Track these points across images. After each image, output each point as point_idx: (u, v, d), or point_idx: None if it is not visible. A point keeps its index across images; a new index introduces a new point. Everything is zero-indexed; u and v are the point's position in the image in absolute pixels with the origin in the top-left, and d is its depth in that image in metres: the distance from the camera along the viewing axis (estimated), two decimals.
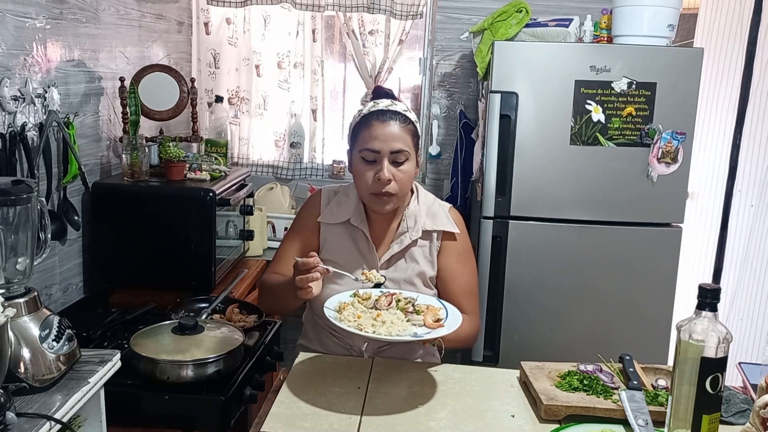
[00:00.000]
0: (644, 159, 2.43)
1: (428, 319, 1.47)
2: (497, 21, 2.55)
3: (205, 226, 2.22)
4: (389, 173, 1.66)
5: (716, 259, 3.03)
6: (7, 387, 1.18)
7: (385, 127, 1.67)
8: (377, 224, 1.79)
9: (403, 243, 1.76)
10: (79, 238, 2.22)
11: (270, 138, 3.38)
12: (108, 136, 2.39)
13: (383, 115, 1.69)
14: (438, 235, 1.79)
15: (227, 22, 3.29)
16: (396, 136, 1.67)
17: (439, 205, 1.84)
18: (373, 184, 1.68)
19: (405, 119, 1.71)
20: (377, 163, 1.67)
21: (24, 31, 1.86)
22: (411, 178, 1.72)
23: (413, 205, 1.80)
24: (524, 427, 1.38)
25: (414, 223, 1.77)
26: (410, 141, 1.70)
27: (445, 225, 1.79)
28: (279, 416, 1.38)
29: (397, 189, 1.68)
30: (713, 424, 1.21)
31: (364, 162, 1.69)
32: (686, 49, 2.46)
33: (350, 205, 1.79)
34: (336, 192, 1.84)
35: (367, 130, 1.68)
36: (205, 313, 1.92)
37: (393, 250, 1.76)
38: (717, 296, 1.20)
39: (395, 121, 1.68)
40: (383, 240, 1.79)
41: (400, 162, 1.68)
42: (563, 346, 2.47)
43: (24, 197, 1.28)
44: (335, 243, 1.79)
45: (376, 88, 1.88)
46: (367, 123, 1.69)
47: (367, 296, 1.55)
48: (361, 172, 1.70)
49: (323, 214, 1.81)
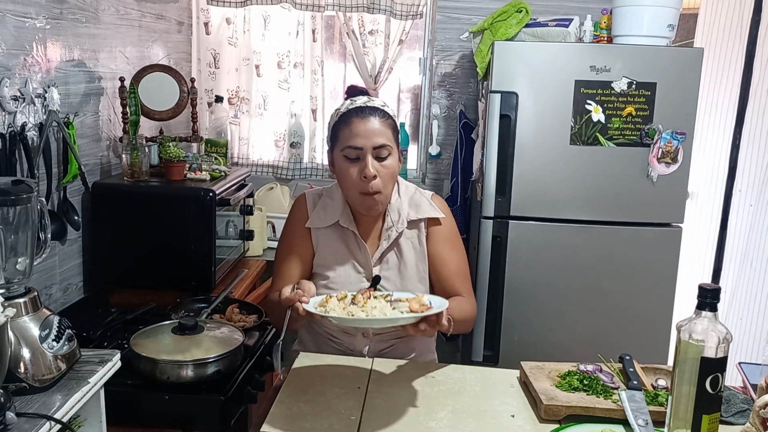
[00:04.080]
0: (644, 159, 2.43)
1: (414, 305, 1.40)
2: (497, 21, 2.55)
3: (205, 226, 2.22)
4: (374, 169, 1.64)
5: (715, 259, 3.03)
6: (7, 387, 1.17)
7: (365, 123, 1.65)
8: (365, 223, 1.78)
9: (390, 238, 1.75)
10: (79, 238, 2.22)
11: (270, 138, 3.38)
12: (108, 136, 2.39)
13: (362, 111, 1.67)
14: (424, 222, 1.78)
15: (227, 22, 3.29)
16: (377, 131, 1.65)
17: (420, 194, 1.82)
18: (359, 182, 1.65)
19: (384, 114, 1.69)
20: (361, 160, 1.65)
21: (24, 31, 1.86)
22: (395, 173, 1.71)
23: (395, 198, 1.78)
24: (524, 427, 1.38)
25: (398, 216, 1.76)
26: (391, 135, 1.68)
27: (429, 212, 1.78)
28: (279, 416, 1.38)
29: (382, 186, 1.66)
30: (713, 424, 1.21)
31: (347, 160, 1.67)
32: (686, 49, 2.46)
33: (336, 206, 1.77)
34: (320, 195, 1.82)
35: (348, 127, 1.66)
36: (205, 313, 1.92)
37: (382, 246, 1.75)
38: (717, 296, 1.20)
39: (375, 116, 1.67)
40: (373, 239, 1.79)
41: (383, 157, 1.66)
42: (563, 346, 2.47)
43: (24, 197, 1.27)
44: (327, 246, 1.77)
45: (350, 87, 1.85)
46: (347, 121, 1.67)
47: (342, 296, 1.48)
48: (345, 170, 1.68)
49: (311, 218, 1.78)
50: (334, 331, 1.77)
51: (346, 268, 1.75)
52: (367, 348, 1.75)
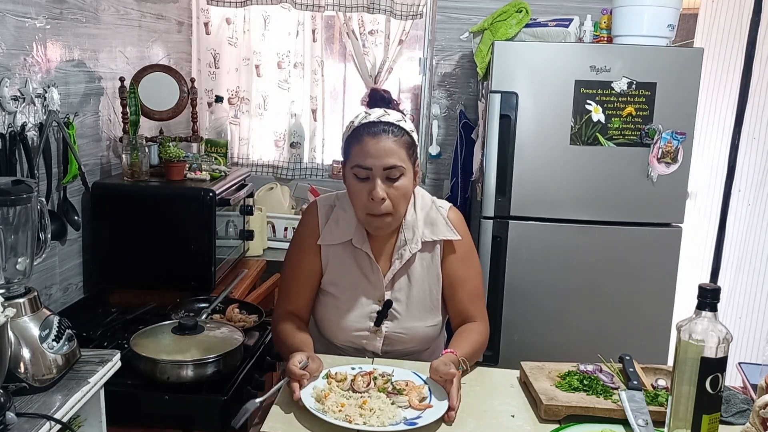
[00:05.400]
0: (644, 159, 2.43)
1: (413, 400, 1.39)
2: (497, 21, 2.55)
3: (205, 226, 2.22)
4: (382, 192, 1.56)
5: (714, 259, 3.03)
6: (7, 387, 1.18)
7: (377, 142, 1.56)
8: (378, 240, 1.71)
9: (403, 258, 1.68)
10: (79, 238, 2.22)
11: (270, 138, 3.38)
12: (108, 136, 2.39)
13: (374, 127, 1.58)
14: (440, 244, 1.71)
15: (227, 22, 3.29)
16: (389, 151, 1.56)
17: (437, 208, 1.74)
18: (368, 203, 1.58)
19: (399, 130, 1.59)
20: (370, 180, 1.57)
21: (24, 31, 1.86)
22: (407, 194, 1.63)
23: (410, 214, 1.70)
24: (524, 427, 1.38)
25: (412, 234, 1.69)
26: (404, 154, 1.59)
27: (445, 233, 1.70)
28: (279, 416, 1.38)
29: (391, 208, 1.59)
30: (713, 424, 1.21)
31: (356, 179, 1.60)
32: (686, 49, 2.46)
33: (350, 221, 1.69)
34: (333, 206, 1.74)
35: (359, 145, 1.58)
36: (205, 313, 1.92)
37: (395, 266, 1.68)
38: (717, 296, 1.20)
39: (387, 134, 1.58)
40: (385, 256, 1.71)
41: (394, 178, 1.58)
42: (563, 346, 2.47)
43: (24, 197, 1.28)
44: (338, 265, 1.71)
45: (372, 90, 1.77)
46: (358, 138, 1.59)
47: (342, 377, 1.47)
48: (355, 190, 1.61)
49: (323, 235, 1.71)
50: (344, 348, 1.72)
51: (357, 290, 1.69)
52: None
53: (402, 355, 1.70)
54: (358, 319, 1.68)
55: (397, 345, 1.70)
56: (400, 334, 1.69)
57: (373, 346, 1.69)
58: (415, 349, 1.72)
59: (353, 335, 1.69)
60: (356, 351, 1.71)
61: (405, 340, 1.70)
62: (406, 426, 1.32)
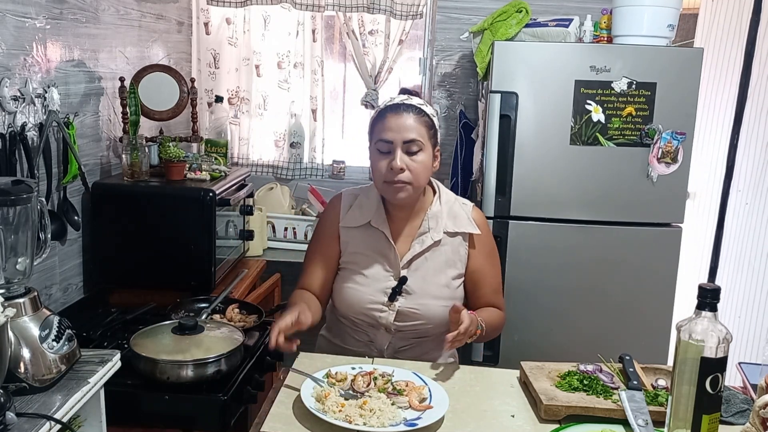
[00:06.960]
0: (644, 159, 2.43)
1: (413, 401, 1.41)
2: (497, 21, 2.54)
3: (205, 226, 2.22)
4: (402, 162, 1.69)
5: (712, 258, 3.03)
6: (7, 387, 1.18)
7: (398, 119, 1.71)
8: (398, 224, 1.81)
9: (424, 243, 1.78)
10: (79, 238, 2.22)
11: (270, 138, 3.38)
12: (108, 136, 2.39)
13: (397, 107, 1.74)
14: (464, 237, 1.82)
15: (227, 22, 3.29)
16: (409, 126, 1.71)
17: (460, 205, 1.85)
18: (388, 173, 1.70)
19: (419, 111, 1.74)
20: (391, 153, 1.70)
21: (24, 31, 1.86)
22: (426, 168, 1.74)
23: (436, 205, 1.82)
24: (524, 427, 1.39)
25: (436, 224, 1.80)
26: (424, 132, 1.73)
27: (467, 227, 1.81)
28: (279, 416, 1.38)
29: (411, 178, 1.70)
30: (713, 424, 1.21)
31: (378, 153, 1.73)
32: (686, 49, 2.46)
33: (371, 206, 1.82)
34: (357, 195, 1.87)
35: (382, 122, 1.73)
36: (205, 313, 1.92)
37: (414, 249, 1.78)
38: (717, 296, 1.20)
39: (409, 113, 1.72)
40: (404, 239, 1.81)
41: (413, 152, 1.70)
42: (563, 346, 2.47)
43: (24, 197, 1.28)
44: (356, 246, 1.81)
45: (402, 89, 1.90)
46: (382, 116, 1.74)
47: (342, 377, 1.49)
48: (376, 162, 1.74)
49: (345, 218, 1.83)
50: (358, 322, 1.81)
51: (375, 266, 1.79)
52: (387, 345, 1.79)
53: (415, 335, 1.78)
54: (373, 293, 1.77)
55: (409, 320, 1.76)
56: (413, 310, 1.76)
57: (386, 320, 1.76)
58: (428, 328, 1.78)
59: (367, 307, 1.77)
60: (370, 325, 1.79)
61: (417, 315, 1.76)
62: (406, 427, 1.33)
